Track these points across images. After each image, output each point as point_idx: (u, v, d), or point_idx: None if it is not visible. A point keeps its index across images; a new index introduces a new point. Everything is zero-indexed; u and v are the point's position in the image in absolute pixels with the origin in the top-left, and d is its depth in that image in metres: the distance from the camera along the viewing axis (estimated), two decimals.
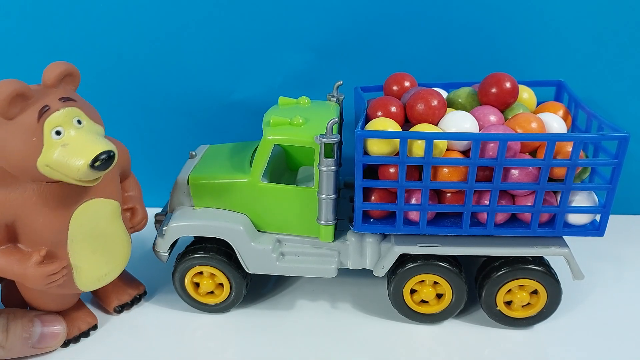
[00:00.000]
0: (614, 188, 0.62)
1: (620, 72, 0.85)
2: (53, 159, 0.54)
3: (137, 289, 0.74)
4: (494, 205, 0.62)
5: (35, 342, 0.63)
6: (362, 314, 0.72)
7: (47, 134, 0.54)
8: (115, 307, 0.72)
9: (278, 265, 0.69)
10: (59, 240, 0.60)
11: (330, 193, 0.64)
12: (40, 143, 0.54)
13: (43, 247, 0.59)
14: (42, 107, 0.54)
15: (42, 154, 0.54)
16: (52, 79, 0.56)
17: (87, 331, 0.68)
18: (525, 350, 0.66)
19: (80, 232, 0.61)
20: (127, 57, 0.87)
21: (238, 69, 0.87)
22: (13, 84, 0.52)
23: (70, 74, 0.58)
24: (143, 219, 0.70)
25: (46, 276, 0.59)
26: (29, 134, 0.53)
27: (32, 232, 0.58)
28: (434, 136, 0.60)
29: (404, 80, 0.73)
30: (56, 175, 0.55)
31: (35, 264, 0.58)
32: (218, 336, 0.69)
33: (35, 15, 0.84)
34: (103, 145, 0.55)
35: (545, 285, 0.66)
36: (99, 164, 0.54)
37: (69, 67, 0.57)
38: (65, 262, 0.61)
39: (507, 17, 0.83)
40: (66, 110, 0.55)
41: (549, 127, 0.64)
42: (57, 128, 0.54)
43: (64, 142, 0.54)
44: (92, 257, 0.63)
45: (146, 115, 0.91)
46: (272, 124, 0.67)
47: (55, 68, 0.56)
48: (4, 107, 0.52)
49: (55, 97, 0.55)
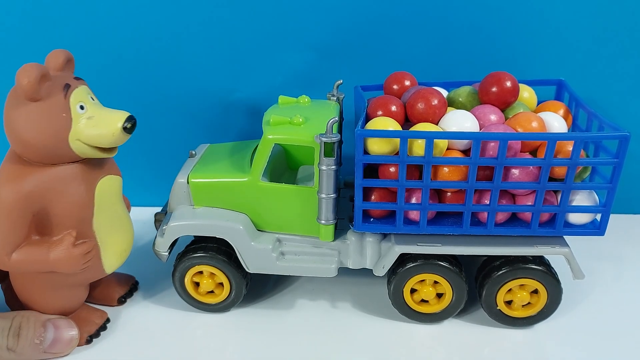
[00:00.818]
0: (614, 187, 0.61)
1: (620, 72, 0.85)
2: (85, 133, 0.58)
3: (130, 280, 0.77)
4: (494, 205, 0.62)
5: (47, 347, 0.62)
6: (362, 314, 0.72)
7: (74, 108, 0.59)
8: (119, 299, 0.74)
9: (278, 264, 0.69)
10: (86, 218, 0.62)
11: (331, 192, 0.64)
12: (69, 118, 0.58)
13: (73, 230, 0.61)
14: (65, 84, 0.59)
15: (72, 127, 0.58)
16: (59, 64, 0.61)
17: (104, 324, 0.69)
18: (525, 349, 0.66)
19: (102, 209, 0.64)
20: (127, 57, 0.87)
21: (238, 68, 0.87)
22: (38, 66, 0.56)
23: (70, 60, 0.63)
24: (128, 204, 0.73)
25: (81, 256, 0.61)
26: (59, 111, 0.58)
27: (60, 215, 0.60)
28: (435, 135, 0.60)
29: (404, 79, 0.73)
30: (83, 149, 0.59)
31: (70, 245, 0.60)
32: (218, 335, 0.69)
33: (36, 15, 0.84)
34: (124, 112, 0.60)
35: (545, 284, 0.66)
36: (129, 126, 0.60)
37: (68, 53, 0.63)
38: (94, 242, 0.63)
39: (508, 17, 0.83)
40: (82, 87, 0.60)
41: (549, 127, 0.64)
42: (80, 103, 0.59)
43: (89, 115, 0.59)
44: (113, 234, 0.66)
45: (146, 115, 0.90)
46: (272, 123, 0.67)
47: (60, 54, 0.62)
48: (33, 87, 0.56)
49: (69, 76, 0.61)
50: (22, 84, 0.55)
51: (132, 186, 0.75)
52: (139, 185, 0.80)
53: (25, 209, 0.58)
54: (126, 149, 0.81)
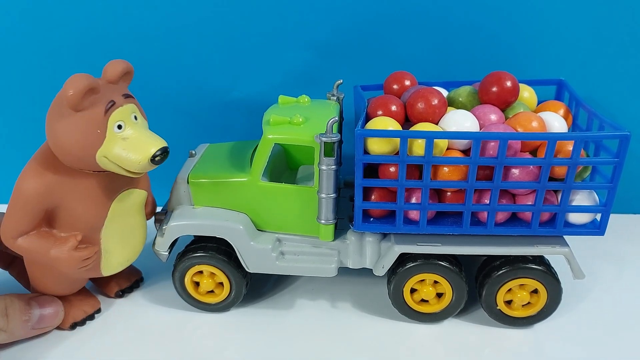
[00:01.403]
0: (614, 187, 0.61)
1: (621, 71, 0.85)
2: (113, 152, 0.58)
3: (136, 275, 0.77)
4: (494, 205, 0.62)
5: (34, 323, 0.66)
6: (362, 314, 0.72)
7: (111, 127, 0.58)
8: (117, 292, 0.74)
9: (278, 264, 0.69)
10: (97, 226, 0.63)
11: (330, 192, 0.64)
12: (103, 135, 0.58)
13: (79, 233, 0.62)
14: (109, 101, 0.58)
15: (103, 145, 0.58)
16: (115, 76, 0.60)
17: (92, 314, 0.70)
18: (525, 349, 0.66)
19: (116, 219, 0.65)
20: (126, 56, 0.85)
21: (238, 68, 0.87)
22: (86, 79, 0.56)
23: (129, 72, 0.62)
24: (153, 208, 0.74)
25: (80, 260, 0.62)
26: (95, 126, 0.57)
27: (72, 218, 0.62)
28: (435, 135, 0.60)
29: (404, 79, 0.73)
30: (110, 166, 0.59)
31: (72, 248, 0.61)
32: (218, 335, 0.69)
33: (35, 14, 0.84)
34: (160, 142, 0.60)
35: (545, 284, 0.66)
36: (158, 158, 0.59)
37: (128, 65, 0.62)
38: (97, 248, 0.64)
39: (508, 16, 0.83)
40: (127, 106, 0.60)
41: (549, 126, 0.64)
42: (119, 122, 0.59)
43: (124, 136, 0.59)
44: (120, 244, 0.67)
45: (146, 114, 0.91)
46: (272, 123, 0.67)
47: (118, 66, 0.61)
48: (77, 100, 0.56)
49: (119, 93, 0.60)
50: (67, 94, 0.55)
51: None
52: None
53: (40, 204, 0.60)
54: None
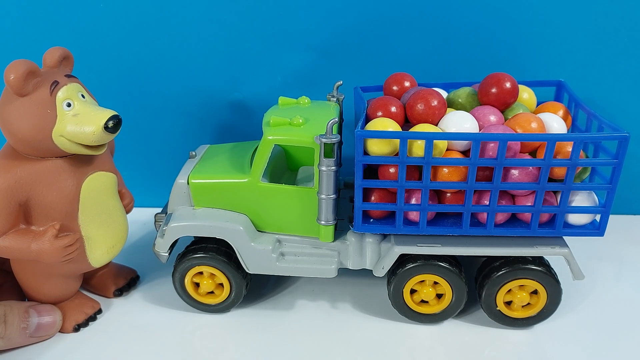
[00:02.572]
0: (614, 188, 0.62)
1: (620, 72, 0.85)
2: (67, 129, 0.60)
3: (131, 273, 0.78)
4: (494, 205, 0.62)
5: (32, 331, 0.66)
6: (362, 314, 0.72)
7: (60, 106, 0.60)
8: (114, 291, 0.75)
9: (278, 265, 0.69)
10: (71, 212, 0.64)
11: (330, 193, 0.64)
12: (54, 114, 0.60)
13: (56, 222, 0.62)
14: (53, 81, 0.60)
15: (56, 124, 0.60)
16: (54, 60, 0.63)
17: (94, 315, 0.71)
18: (525, 350, 0.66)
19: (89, 204, 0.65)
20: (127, 57, 0.87)
21: (238, 69, 0.87)
22: (25, 63, 0.58)
23: (67, 57, 0.64)
24: (131, 201, 0.75)
25: (62, 248, 0.62)
26: (44, 107, 0.59)
27: (45, 207, 0.62)
28: (434, 136, 0.60)
29: (404, 80, 0.73)
30: (68, 145, 0.61)
31: (52, 237, 0.61)
32: (218, 336, 0.69)
33: (35, 15, 0.84)
34: (110, 111, 0.61)
35: (545, 285, 0.66)
36: (111, 125, 0.60)
37: (66, 50, 0.64)
38: (78, 235, 0.64)
39: (507, 17, 0.83)
40: (72, 84, 0.62)
41: (549, 127, 0.64)
42: (67, 100, 0.61)
43: (75, 112, 0.61)
44: (100, 229, 0.67)
45: (146, 115, 0.91)
46: (272, 124, 0.67)
47: (56, 51, 0.63)
48: (19, 83, 0.58)
49: (61, 74, 0.62)
50: (9, 79, 0.58)
51: (132, 187, 0.76)
52: (139, 186, 0.80)
53: (11, 199, 0.60)
54: (127, 150, 0.81)
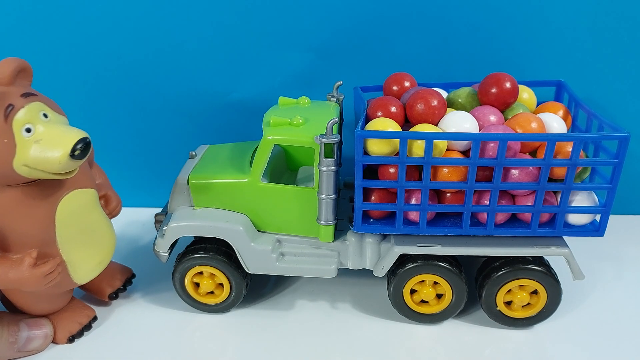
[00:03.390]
0: (614, 188, 0.61)
1: (620, 72, 0.85)
2: (30, 157, 0.52)
3: (127, 273, 0.75)
4: (494, 205, 0.62)
5: (21, 346, 0.64)
6: (362, 314, 0.72)
7: (18, 133, 0.52)
8: (110, 295, 0.72)
9: (278, 265, 0.69)
10: (48, 238, 0.59)
11: (330, 193, 0.64)
12: (13, 143, 0.52)
13: (34, 249, 0.58)
14: (7, 106, 0.52)
15: (16, 154, 0.52)
16: (7, 77, 0.54)
17: (88, 324, 0.69)
18: (525, 350, 0.66)
19: (67, 226, 0.60)
20: (126, 58, 0.87)
21: (238, 69, 0.87)
22: None
23: (23, 69, 0.56)
24: (118, 204, 0.70)
25: (43, 276, 0.58)
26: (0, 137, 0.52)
27: (20, 236, 0.57)
28: (434, 136, 0.60)
29: (404, 80, 0.73)
30: (35, 173, 0.54)
31: (30, 266, 0.57)
32: (218, 336, 0.69)
33: (34, 16, 0.84)
34: (77, 134, 0.54)
35: (545, 285, 0.66)
36: (78, 152, 0.53)
37: (20, 62, 0.56)
38: (59, 260, 0.60)
39: (507, 17, 0.83)
40: (31, 105, 0.54)
41: (549, 127, 0.64)
42: (27, 125, 0.53)
43: (36, 138, 0.53)
44: (82, 250, 0.63)
45: (146, 116, 0.91)
46: (272, 124, 0.67)
47: (8, 65, 0.54)
48: None
49: (16, 94, 0.53)
50: None
51: (132, 187, 0.76)
52: (139, 186, 0.80)
53: None
54: (127, 150, 0.81)
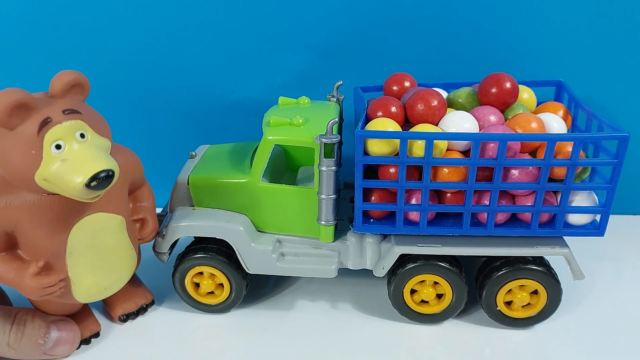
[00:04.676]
0: (614, 188, 0.62)
1: (620, 72, 0.85)
2: (51, 174, 0.52)
3: (145, 298, 0.72)
4: (494, 205, 0.62)
5: (48, 349, 0.62)
6: (362, 314, 0.72)
7: (47, 147, 0.51)
8: (120, 316, 0.70)
9: (278, 265, 0.69)
10: (57, 253, 0.59)
11: (330, 193, 0.64)
12: (40, 156, 0.51)
13: (41, 258, 0.58)
14: (44, 119, 0.51)
15: (40, 167, 0.51)
16: (57, 89, 0.53)
17: (88, 338, 0.67)
18: (525, 350, 0.66)
19: (80, 246, 0.60)
20: (127, 58, 0.87)
21: (238, 69, 0.88)
22: (15, 94, 0.49)
23: (79, 84, 0.55)
24: (153, 230, 0.68)
25: (41, 288, 0.58)
26: (28, 147, 0.51)
27: (31, 242, 0.57)
28: (434, 136, 0.60)
29: (404, 81, 0.73)
30: (55, 189, 0.53)
31: (32, 275, 0.57)
32: (218, 336, 0.69)
33: (35, 17, 0.84)
34: (102, 164, 0.52)
35: (545, 285, 0.66)
36: (95, 183, 0.51)
37: (77, 76, 0.54)
38: (63, 275, 0.60)
39: (507, 17, 0.83)
40: (69, 123, 0.52)
41: (549, 127, 0.64)
42: (58, 142, 0.52)
43: (64, 157, 0.52)
44: (91, 271, 0.62)
45: (146, 116, 0.91)
46: (272, 124, 0.67)
47: (62, 78, 0.53)
48: (3, 117, 0.50)
49: (59, 108, 0.52)
50: None
51: None
52: None
53: None
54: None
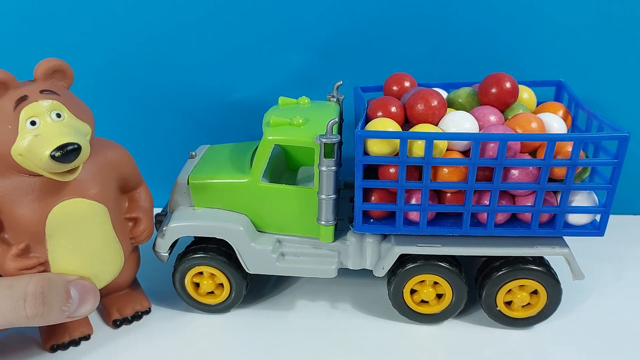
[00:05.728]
0: (614, 188, 0.62)
1: (620, 72, 0.85)
2: (24, 148, 0.54)
3: (141, 305, 0.72)
4: (494, 205, 0.62)
5: (71, 312, 0.61)
6: (362, 314, 0.72)
7: (22, 123, 0.55)
8: (114, 320, 0.69)
9: (278, 265, 0.69)
10: (37, 234, 0.59)
11: (330, 193, 0.64)
12: (15, 131, 0.54)
13: (24, 242, 0.59)
14: (21, 96, 0.55)
15: (15, 142, 0.54)
16: (40, 73, 0.57)
17: (77, 339, 0.66)
18: (525, 350, 0.66)
19: (60, 229, 0.60)
20: (127, 57, 0.87)
21: (238, 69, 0.88)
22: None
23: (60, 70, 0.58)
24: (145, 230, 0.68)
25: (19, 270, 0.59)
26: (5, 122, 0.55)
27: (13, 224, 0.59)
28: (434, 136, 0.60)
29: (404, 81, 0.73)
30: (30, 166, 0.55)
31: (14, 256, 0.58)
32: (218, 336, 0.69)
33: (34, 14, 0.84)
34: (69, 137, 0.54)
35: (545, 285, 0.66)
36: (60, 154, 0.54)
37: (59, 63, 0.58)
38: (43, 259, 0.60)
39: (507, 17, 0.83)
40: (46, 102, 0.56)
41: (549, 127, 0.64)
42: (33, 118, 0.55)
43: (37, 132, 0.55)
44: (71, 258, 0.62)
45: (146, 116, 0.91)
46: (272, 124, 0.67)
47: (45, 63, 0.57)
48: None
49: (37, 89, 0.56)
50: None
51: None
52: None
53: None
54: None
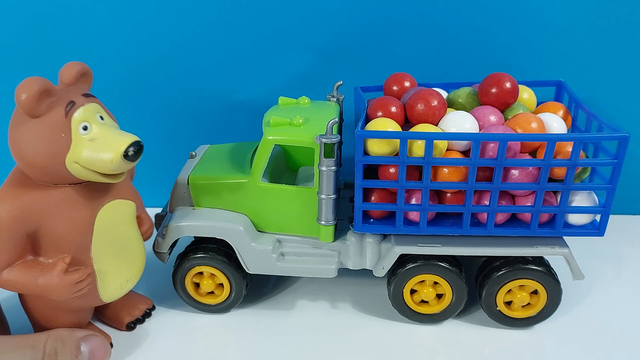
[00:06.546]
0: (614, 188, 0.62)
1: (620, 72, 0.85)
2: (82, 155, 0.54)
3: (146, 303, 0.72)
4: (494, 206, 0.62)
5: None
6: (362, 314, 0.72)
7: (75, 129, 0.55)
8: (128, 323, 0.69)
9: (278, 265, 0.69)
10: (84, 244, 0.59)
11: (330, 193, 0.64)
12: (69, 139, 0.54)
13: (67, 255, 0.57)
14: (68, 102, 0.55)
15: (70, 150, 0.54)
16: (70, 78, 0.57)
17: None
18: (525, 350, 0.66)
19: (103, 235, 0.60)
20: (128, 58, 0.87)
21: (238, 70, 0.88)
22: (39, 81, 0.53)
23: (85, 74, 0.59)
24: (150, 227, 0.69)
25: (72, 284, 0.57)
26: (57, 130, 0.54)
27: (55, 239, 0.57)
28: (434, 136, 0.60)
29: (404, 81, 0.73)
30: (83, 172, 0.55)
31: (61, 271, 0.56)
32: (218, 336, 0.69)
33: (40, 18, 0.84)
34: (132, 137, 0.56)
35: (545, 285, 0.66)
36: (132, 153, 0.55)
37: (84, 66, 0.59)
38: (90, 269, 0.59)
39: (507, 18, 0.83)
40: (90, 105, 0.56)
41: (549, 127, 0.64)
42: (84, 123, 0.55)
43: (92, 137, 0.55)
44: (114, 262, 0.62)
45: (146, 115, 0.91)
46: (272, 124, 0.67)
47: (73, 67, 0.58)
48: (32, 104, 0.52)
49: (77, 93, 0.56)
50: (20, 99, 0.52)
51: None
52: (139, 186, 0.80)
53: (18, 229, 0.55)
54: None
